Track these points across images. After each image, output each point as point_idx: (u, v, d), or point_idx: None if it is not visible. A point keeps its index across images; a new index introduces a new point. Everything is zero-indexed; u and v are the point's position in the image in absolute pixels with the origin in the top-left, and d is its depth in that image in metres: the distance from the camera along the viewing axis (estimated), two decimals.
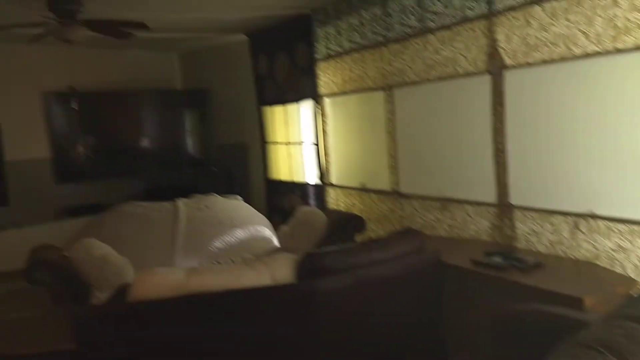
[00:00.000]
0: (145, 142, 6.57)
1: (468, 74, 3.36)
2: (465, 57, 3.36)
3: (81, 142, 5.67)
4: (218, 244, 4.23)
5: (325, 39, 4.65)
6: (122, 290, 2.29)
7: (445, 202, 3.66)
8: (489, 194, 3.33)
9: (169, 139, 6.65)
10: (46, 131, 5.83)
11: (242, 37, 5.80)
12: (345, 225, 3.84)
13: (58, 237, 5.20)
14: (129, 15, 4.11)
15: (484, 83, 3.25)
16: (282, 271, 2.40)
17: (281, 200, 5.55)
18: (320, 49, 4.72)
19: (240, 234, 4.36)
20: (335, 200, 4.82)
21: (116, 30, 3.95)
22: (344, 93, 4.52)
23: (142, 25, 3.85)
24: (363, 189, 4.46)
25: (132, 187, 6.42)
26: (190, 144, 6.77)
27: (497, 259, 2.79)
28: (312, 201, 5.09)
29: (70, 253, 3.41)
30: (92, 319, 2.09)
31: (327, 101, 4.76)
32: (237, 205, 4.63)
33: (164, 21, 4.67)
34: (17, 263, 4.81)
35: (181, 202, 4.42)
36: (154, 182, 6.62)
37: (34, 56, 5.58)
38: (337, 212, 4.04)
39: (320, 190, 4.96)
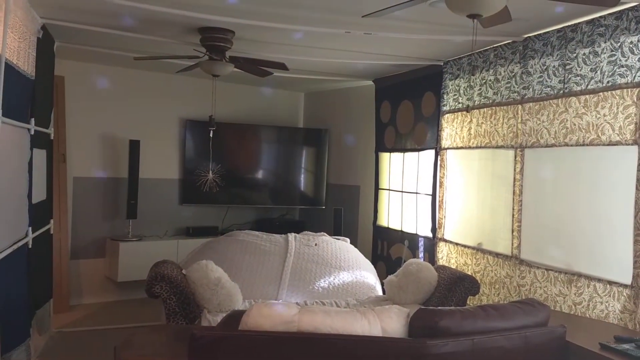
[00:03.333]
0: (262, 174, 6.84)
1: (612, 143, 3.13)
2: (610, 124, 3.15)
3: (210, 168, 6.03)
4: (322, 283, 4.24)
5: (455, 91, 4.60)
6: (235, 316, 2.35)
7: (572, 277, 3.39)
8: (624, 275, 3.04)
9: (284, 173, 6.86)
10: (179, 155, 6.24)
11: (368, 82, 5.92)
12: (456, 284, 3.67)
13: (175, 253, 5.56)
14: (269, 56, 4.38)
15: (630, 154, 3.01)
16: (392, 324, 2.33)
17: (388, 247, 5.47)
18: (448, 100, 4.67)
19: (345, 276, 4.33)
20: (446, 256, 4.65)
21: (259, 68, 4.22)
22: (468, 147, 4.40)
23: (282, 66, 4.08)
24: (478, 249, 4.27)
25: (245, 215, 6.72)
26: (303, 180, 6.94)
27: (628, 347, 2.51)
28: (421, 254, 4.95)
29: (188, 272, 3.58)
30: (208, 339, 2.15)
31: (448, 153, 4.67)
32: (345, 247, 4.63)
33: (297, 62, 4.90)
34: (136, 274, 5.21)
35: (292, 237, 4.50)
36: (265, 212, 6.88)
37: (179, 85, 6.04)
38: (449, 270, 3.88)
39: (431, 243, 4.82)
